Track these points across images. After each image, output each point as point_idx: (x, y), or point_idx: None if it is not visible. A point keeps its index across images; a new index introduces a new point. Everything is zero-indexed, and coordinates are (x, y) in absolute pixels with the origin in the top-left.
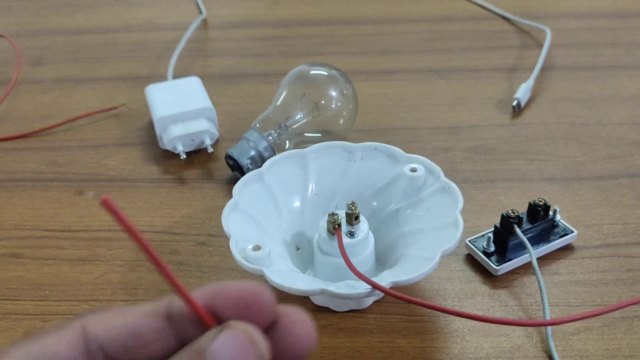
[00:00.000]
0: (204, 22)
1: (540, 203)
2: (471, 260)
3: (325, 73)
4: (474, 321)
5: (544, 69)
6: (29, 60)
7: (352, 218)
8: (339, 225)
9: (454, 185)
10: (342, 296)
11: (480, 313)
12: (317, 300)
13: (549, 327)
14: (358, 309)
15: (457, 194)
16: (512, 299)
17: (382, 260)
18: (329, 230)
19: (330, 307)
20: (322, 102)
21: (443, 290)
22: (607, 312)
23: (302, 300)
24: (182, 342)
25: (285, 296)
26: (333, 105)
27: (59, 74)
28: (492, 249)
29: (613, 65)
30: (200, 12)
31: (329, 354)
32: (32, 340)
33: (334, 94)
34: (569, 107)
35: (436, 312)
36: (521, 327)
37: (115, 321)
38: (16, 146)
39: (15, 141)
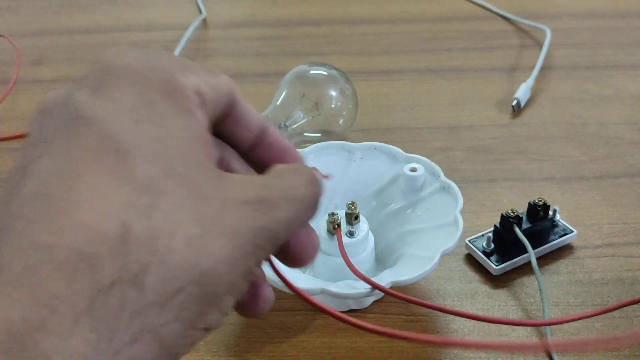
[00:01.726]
0: (204, 21)
1: (540, 203)
2: (471, 260)
3: (325, 73)
4: (474, 321)
5: (543, 68)
6: (29, 60)
7: (352, 218)
8: (339, 225)
9: (453, 184)
10: (342, 296)
11: (479, 313)
12: (317, 300)
13: (548, 327)
14: (358, 308)
15: (457, 194)
16: (511, 299)
17: (382, 259)
18: (328, 230)
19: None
20: (322, 102)
21: (443, 290)
22: (605, 312)
23: (302, 299)
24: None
25: (285, 296)
26: (333, 105)
27: (59, 74)
28: (492, 248)
29: (612, 65)
30: (200, 12)
31: (329, 354)
32: None
33: (333, 93)
34: (569, 106)
35: (436, 312)
36: (521, 327)
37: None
38: (16, 146)
39: (15, 141)
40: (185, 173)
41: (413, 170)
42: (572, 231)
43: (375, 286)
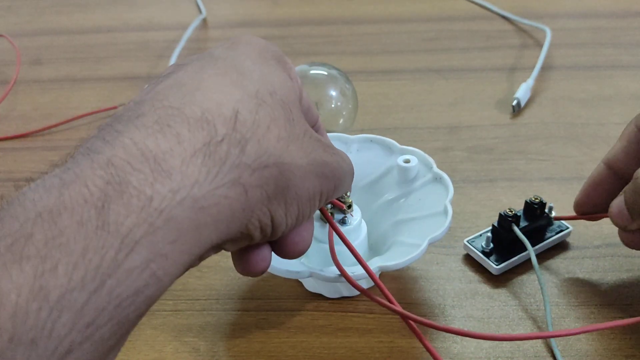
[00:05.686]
0: (204, 21)
1: (536, 200)
2: (471, 260)
3: (325, 73)
4: (474, 321)
5: (543, 68)
6: (28, 60)
7: (345, 207)
8: (332, 212)
9: (445, 175)
10: (331, 279)
11: (480, 313)
12: (309, 286)
13: (549, 327)
14: (350, 295)
15: (448, 184)
16: (512, 299)
17: (376, 248)
18: (320, 218)
19: (322, 293)
20: (322, 102)
21: (443, 290)
22: (613, 326)
23: (295, 285)
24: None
25: (284, 296)
26: (333, 105)
27: (59, 73)
28: (491, 248)
29: (613, 65)
30: (200, 11)
31: (329, 354)
32: None
33: (333, 93)
34: (569, 106)
35: (436, 311)
36: (521, 327)
37: None
38: (16, 146)
39: (15, 141)
40: (283, 100)
41: (407, 161)
42: (567, 227)
43: (364, 268)
